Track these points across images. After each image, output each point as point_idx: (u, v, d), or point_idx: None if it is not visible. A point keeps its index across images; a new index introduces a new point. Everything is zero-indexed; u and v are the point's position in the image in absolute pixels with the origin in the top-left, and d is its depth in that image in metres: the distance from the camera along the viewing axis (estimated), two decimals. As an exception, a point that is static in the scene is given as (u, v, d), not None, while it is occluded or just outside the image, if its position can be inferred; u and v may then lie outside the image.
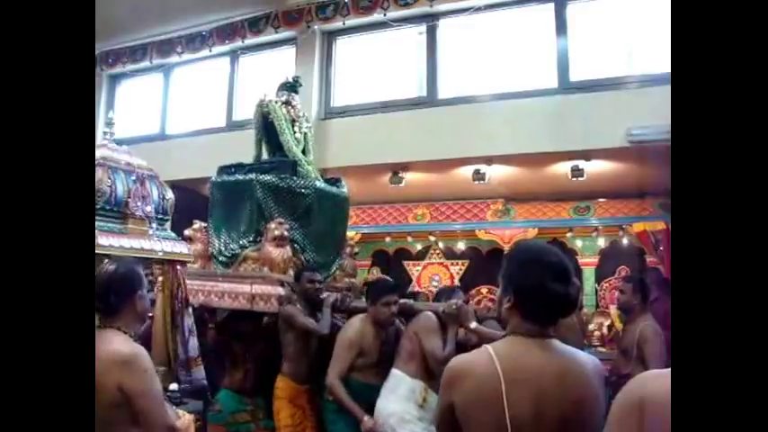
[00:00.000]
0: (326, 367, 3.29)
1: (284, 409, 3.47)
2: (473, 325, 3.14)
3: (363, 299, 3.62)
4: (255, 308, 3.70)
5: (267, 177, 4.04)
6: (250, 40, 7.23)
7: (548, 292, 1.40)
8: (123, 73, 8.23)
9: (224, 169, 4.39)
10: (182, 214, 3.81)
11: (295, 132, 4.40)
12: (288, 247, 3.88)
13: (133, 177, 3.00)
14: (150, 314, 2.52)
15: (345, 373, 3.24)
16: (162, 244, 3.04)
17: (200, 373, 3.26)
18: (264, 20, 7.08)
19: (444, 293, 3.77)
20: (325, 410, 3.37)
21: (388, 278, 5.08)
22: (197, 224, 4.42)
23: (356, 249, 5.02)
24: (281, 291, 3.68)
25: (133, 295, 1.98)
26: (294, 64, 6.90)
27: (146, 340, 2.59)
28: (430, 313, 3.33)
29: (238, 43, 7.28)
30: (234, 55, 7.48)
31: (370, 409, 3.16)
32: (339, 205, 4.50)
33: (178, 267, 3.18)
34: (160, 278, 3.16)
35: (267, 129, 4.45)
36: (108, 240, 2.76)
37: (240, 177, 4.17)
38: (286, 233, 3.85)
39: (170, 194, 3.24)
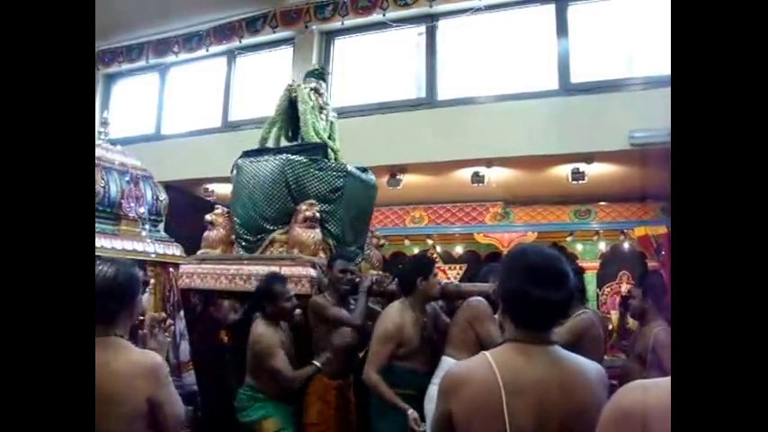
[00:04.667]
0: (363, 360, 3.04)
1: (312, 405, 3.24)
2: None
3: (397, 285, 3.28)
4: None
5: (299, 158, 3.93)
6: (247, 40, 7.20)
7: (528, 298, 1.35)
8: (119, 72, 8.19)
9: (249, 153, 4.26)
10: (176, 215, 3.75)
11: (323, 120, 4.34)
12: (318, 230, 3.77)
13: (127, 178, 2.99)
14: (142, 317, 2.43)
15: (385, 365, 2.96)
16: (155, 246, 3.01)
17: (190, 377, 3.20)
18: (262, 20, 7.06)
19: (492, 271, 3.33)
20: (370, 405, 3.11)
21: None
22: (219, 209, 4.30)
23: (382, 241, 4.85)
24: (312, 272, 3.53)
25: (133, 300, 1.90)
26: (292, 64, 6.87)
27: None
28: (481, 298, 3.08)
29: (235, 43, 7.25)
30: (231, 55, 7.45)
31: (417, 396, 2.95)
32: (367, 192, 4.39)
33: (170, 269, 3.14)
34: (152, 280, 3.11)
35: (294, 113, 4.33)
36: (100, 242, 2.74)
37: (270, 158, 4.04)
38: (317, 214, 3.74)
39: (164, 195, 3.22)
